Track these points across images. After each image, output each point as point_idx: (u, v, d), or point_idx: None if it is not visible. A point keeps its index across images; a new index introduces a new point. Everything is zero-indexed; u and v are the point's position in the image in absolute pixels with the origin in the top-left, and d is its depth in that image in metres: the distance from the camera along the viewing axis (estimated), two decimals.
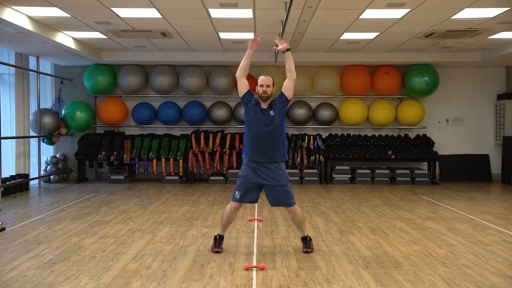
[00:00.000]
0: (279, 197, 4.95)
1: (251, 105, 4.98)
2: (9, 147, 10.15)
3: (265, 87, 4.91)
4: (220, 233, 5.17)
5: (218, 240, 5.13)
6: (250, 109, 4.97)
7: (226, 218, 5.08)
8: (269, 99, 4.98)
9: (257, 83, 4.98)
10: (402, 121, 11.63)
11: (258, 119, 4.92)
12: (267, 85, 4.92)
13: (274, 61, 10.66)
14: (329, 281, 4.16)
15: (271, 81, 4.97)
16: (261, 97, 4.94)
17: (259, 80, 4.96)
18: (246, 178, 4.95)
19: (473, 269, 4.52)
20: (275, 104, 4.98)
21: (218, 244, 5.11)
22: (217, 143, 10.99)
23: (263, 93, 4.92)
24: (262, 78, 4.96)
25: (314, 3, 6.44)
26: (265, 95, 4.92)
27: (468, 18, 7.50)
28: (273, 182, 4.90)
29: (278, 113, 4.94)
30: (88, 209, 7.63)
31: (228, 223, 5.15)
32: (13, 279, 4.21)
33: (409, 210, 7.64)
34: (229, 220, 5.10)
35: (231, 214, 5.06)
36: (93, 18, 7.61)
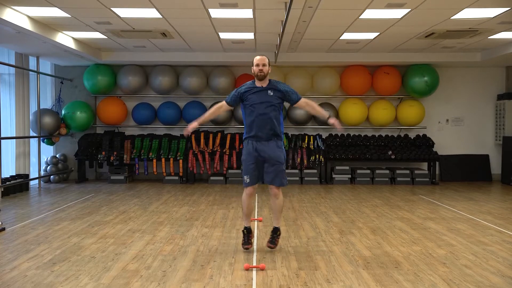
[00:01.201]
0: (274, 174, 4.99)
1: (246, 93, 5.05)
2: (9, 147, 10.15)
3: (261, 66, 4.98)
4: (246, 224, 5.19)
5: (246, 234, 5.16)
6: (247, 95, 5.04)
7: (246, 207, 5.14)
8: (265, 78, 5.04)
9: (252, 64, 5.04)
10: (402, 121, 11.63)
11: (257, 98, 4.99)
12: (263, 64, 4.99)
13: (274, 61, 10.66)
14: (329, 281, 4.16)
15: (266, 60, 5.04)
16: (257, 76, 5.01)
17: (254, 60, 5.03)
18: (248, 159, 5.03)
19: (473, 269, 4.52)
20: (277, 87, 5.05)
21: (247, 239, 5.13)
22: (217, 143, 10.99)
23: (259, 72, 4.98)
24: (257, 58, 5.03)
25: (314, 3, 6.44)
26: (261, 73, 4.99)
27: (468, 18, 7.50)
28: (271, 157, 4.97)
29: (277, 94, 5.03)
30: (88, 209, 7.63)
31: (249, 212, 5.18)
32: (13, 279, 4.21)
33: (409, 210, 7.64)
34: (248, 208, 5.14)
35: (248, 201, 5.11)
36: (93, 18, 7.61)
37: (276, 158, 4.98)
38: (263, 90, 5.02)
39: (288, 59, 10.73)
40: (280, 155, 5.02)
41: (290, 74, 11.49)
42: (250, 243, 5.14)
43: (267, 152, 4.97)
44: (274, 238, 5.13)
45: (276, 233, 5.15)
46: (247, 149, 5.06)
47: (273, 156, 4.98)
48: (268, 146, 4.99)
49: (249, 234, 5.17)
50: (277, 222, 5.19)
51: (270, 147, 4.99)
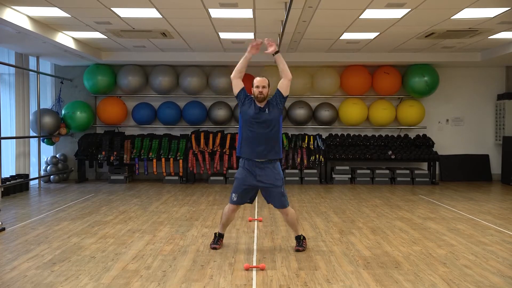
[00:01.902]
0: (273, 199, 5.03)
1: (246, 103, 5.02)
2: (9, 147, 10.15)
3: (261, 88, 4.96)
4: (220, 231, 5.28)
5: (217, 237, 5.25)
6: (246, 107, 5.01)
7: (225, 219, 5.20)
8: (265, 100, 5.01)
9: (252, 85, 5.01)
10: (402, 121, 11.63)
11: (253, 117, 4.95)
12: (262, 86, 4.97)
13: (274, 61, 10.63)
14: (329, 281, 4.16)
15: (266, 82, 5.01)
16: (257, 98, 4.98)
17: (254, 82, 5.00)
18: (242, 181, 5.01)
19: (473, 269, 4.52)
20: (271, 102, 5.02)
21: (216, 241, 5.22)
22: (217, 143, 10.99)
23: (259, 94, 4.96)
24: (257, 80, 5.00)
25: (314, 3, 6.44)
26: (261, 96, 4.96)
27: (468, 18, 7.50)
28: (268, 185, 4.96)
29: (274, 111, 4.98)
30: (88, 209, 7.63)
31: (227, 223, 5.27)
32: (13, 279, 4.21)
33: (409, 210, 7.64)
34: (227, 220, 5.21)
35: (229, 215, 5.16)
36: (93, 18, 7.61)
37: (274, 183, 4.95)
38: (261, 110, 4.95)
39: (288, 59, 10.59)
40: (277, 179, 4.97)
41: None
42: (218, 244, 5.19)
43: (264, 178, 4.94)
44: (300, 243, 5.16)
45: (300, 239, 5.19)
46: (243, 170, 5.01)
47: (269, 181, 4.94)
48: (265, 171, 4.94)
49: (220, 238, 5.25)
50: (296, 232, 5.21)
51: (267, 172, 4.95)
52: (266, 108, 4.98)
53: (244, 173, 5.00)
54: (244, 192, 5.02)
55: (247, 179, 4.98)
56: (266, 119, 4.94)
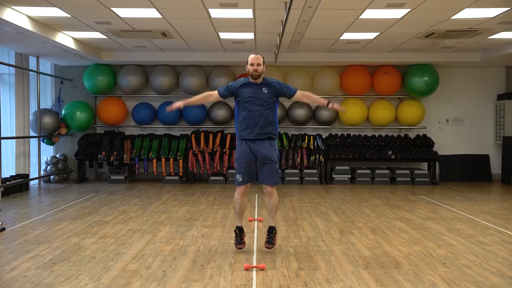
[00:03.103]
0: (266, 174, 4.99)
1: (240, 88, 5.03)
2: (9, 147, 10.16)
3: (255, 66, 4.95)
4: (238, 224, 5.17)
5: (238, 234, 5.14)
6: (241, 90, 5.02)
7: (238, 206, 5.10)
8: (260, 77, 5.01)
9: (247, 62, 5.01)
10: (402, 121, 11.63)
11: (250, 94, 4.96)
12: (257, 64, 4.96)
13: (274, 61, 10.67)
14: (329, 281, 4.16)
15: (261, 59, 5.01)
16: (251, 76, 4.98)
17: (249, 59, 4.99)
18: (242, 158, 5.02)
19: (473, 269, 4.52)
20: (272, 85, 5.02)
21: (240, 239, 5.12)
22: (217, 143, 10.99)
23: (254, 71, 4.95)
24: (252, 57, 4.99)
25: (314, 3, 6.43)
26: (255, 73, 4.96)
27: (468, 18, 7.50)
28: (264, 158, 4.96)
29: (272, 91, 5.00)
30: (88, 209, 7.63)
31: (242, 211, 5.15)
32: (13, 279, 4.21)
33: (409, 210, 7.64)
34: (241, 207, 5.11)
35: (241, 200, 5.08)
36: (93, 18, 7.61)
37: (270, 157, 4.97)
38: (257, 87, 4.99)
39: (288, 59, 10.73)
40: (273, 154, 5.00)
41: (290, 74, 11.49)
42: (243, 242, 5.14)
43: (261, 151, 4.96)
44: (271, 238, 5.11)
45: (272, 232, 5.13)
46: (240, 149, 5.05)
47: (266, 155, 4.96)
48: (262, 145, 4.97)
49: (241, 233, 5.15)
50: (272, 221, 5.17)
51: (264, 146, 4.98)
52: (263, 87, 4.99)
53: (242, 150, 5.02)
54: (246, 169, 4.99)
55: (246, 155, 4.99)
56: (263, 98, 4.96)
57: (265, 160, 4.97)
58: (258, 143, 4.97)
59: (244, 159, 5.00)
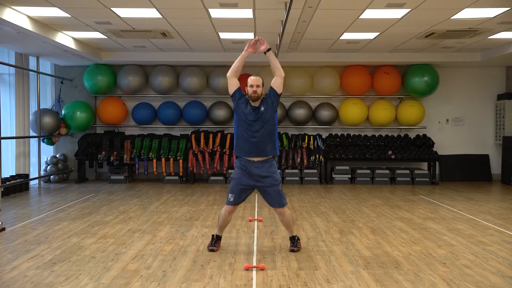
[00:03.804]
0: (270, 197, 5.00)
1: (241, 102, 5.01)
2: (9, 147, 10.16)
3: (255, 87, 4.94)
4: (217, 233, 5.24)
5: (215, 239, 5.22)
6: (240, 106, 5.00)
7: (222, 221, 5.16)
8: (259, 99, 4.99)
9: (246, 84, 5.00)
10: (402, 121, 11.63)
11: (248, 116, 4.94)
12: (256, 85, 4.94)
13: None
14: (329, 281, 4.16)
15: (260, 81, 4.99)
16: (251, 98, 4.96)
17: (248, 81, 4.98)
18: (238, 181, 4.99)
19: (473, 269, 4.52)
20: (265, 100, 5.01)
21: (214, 242, 5.19)
22: (217, 143, 10.99)
23: (253, 93, 4.94)
24: (252, 79, 4.98)
25: (314, 3, 6.44)
26: (254, 95, 4.94)
27: (468, 18, 7.50)
28: (265, 183, 4.94)
29: (269, 108, 4.96)
30: (88, 209, 7.63)
31: (224, 225, 5.22)
32: (13, 279, 4.21)
33: (409, 210, 7.64)
34: (224, 222, 5.17)
35: (226, 217, 5.12)
36: (93, 18, 7.61)
37: (272, 180, 4.94)
38: (256, 110, 4.95)
39: (288, 59, 10.72)
40: (274, 178, 4.96)
41: (290, 74, 11.48)
42: (216, 246, 5.16)
43: (262, 175, 4.92)
44: (295, 244, 5.15)
45: (294, 239, 5.18)
46: (240, 170, 4.99)
47: (267, 179, 4.92)
48: (261, 170, 4.92)
49: (218, 240, 5.21)
50: (290, 233, 5.20)
51: (263, 170, 4.93)
52: (261, 106, 4.97)
53: (240, 173, 4.98)
54: (240, 192, 5.00)
55: (243, 179, 4.96)
56: (261, 118, 4.93)
57: (267, 185, 4.93)
58: (257, 165, 4.93)
59: (241, 183, 4.97)
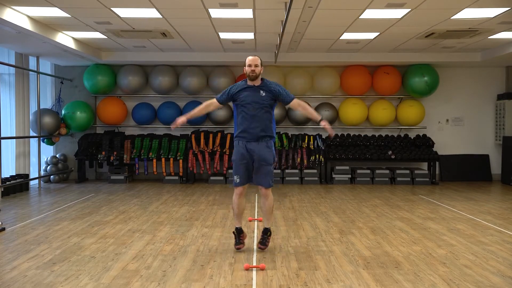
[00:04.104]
0: (260, 175, 5.02)
1: (238, 92, 5.06)
2: (9, 147, 10.15)
3: (253, 67, 4.98)
4: (236, 225, 5.21)
5: (237, 235, 5.18)
6: (239, 94, 5.04)
7: (236, 207, 5.16)
8: (257, 78, 5.03)
9: (245, 64, 5.04)
10: (402, 121, 11.63)
11: (248, 98, 4.99)
12: (255, 65, 4.98)
13: (274, 61, 10.66)
14: (329, 281, 4.16)
15: (259, 61, 5.04)
16: (249, 76, 5.01)
17: (247, 61, 5.02)
18: (239, 160, 5.05)
19: (473, 269, 4.53)
20: (269, 87, 5.04)
21: (238, 240, 5.16)
22: (217, 143, 11.00)
23: (251, 72, 4.98)
24: (250, 59, 5.02)
25: (314, 3, 6.43)
26: (253, 74, 4.98)
27: (468, 18, 7.50)
28: (260, 160, 4.98)
29: (269, 95, 5.02)
30: (88, 209, 7.63)
31: (240, 212, 5.19)
32: (13, 279, 4.21)
33: (409, 210, 7.64)
34: (239, 208, 5.15)
35: (239, 201, 5.12)
36: (93, 18, 7.61)
37: (265, 159, 4.99)
38: (254, 90, 5.01)
39: (288, 59, 10.73)
40: (269, 156, 5.01)
41: (290, 74, 11.49)
42: (242, 243, 5.16)
43: (257, 152, 4.98)
44: (265, 239, 5.14)
45: (266, 233, 5.16)
46: (238, 149, 5.07)
47: (262, 156, 4.98)
48: (258, 147, 4.99)
49: (240, 234, 5.18)
50: (267, 222, 5.20)
51: (260, 147, 4.99)
52: (261, 90, 5.01)
53: (239, 151, 5.05)
54: (244, 170, 5.03)
55: (242, 156, 5.02)
56: (260, 101, 4.98)
57: (261, 162, 4.99)
58: (254, 144, 5.00)
59: (241, 160, 5.03)
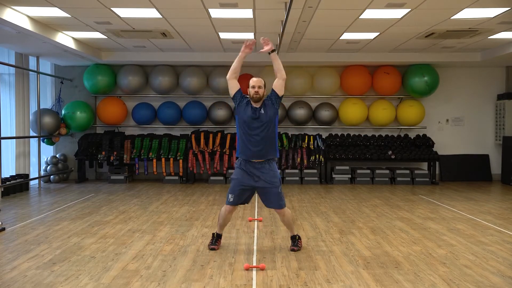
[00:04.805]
0: (270, 199, 5.03)
1: (242, 104, 5.03)
2: (9, 147, 10.15)
3: (256, 88, 4.97)
4: (218, 232, 5.29)
5: (215, 237, 5.26)
6: (242, 108, 5.02)
7: (222, 220, 5.22)
8: (261, 100, 5.01)
9: (248, 85, 5.03)
10: (402, 121, 11.63)
11: (250, 118, 4.96)
12: (258, 86, 4.98)
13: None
14: (329, 281, 4.16)
15: (262, 82, 5.03)
16: (252, 98, 4.99)
17: (250, 82, 5.02)
18: (239, 181, 5.01)
19: (473, 269, 4.53)
20: (266, 102, 5.03)
21: (215, 241, 5.23)
22: (217, 143, 10.99)
23: (255, 94, 4.96)
24: (253, 80, 5.02)
25: (314, 3, 6.44)
26: (257, 96, 4.96)
27: (468, 18, 7.50)
28: (265, 184, 4.96)
29: (269, 110, 4.99)
30: (88, 209, 7.63)
31: (224, 224, 5.29)
32: (13, 279, 4.21)
33: (409, 210, 7.64)
34: (224, 221, 5.23)
35: (225, 216, 5.18)
36: (93, 18, 7.61)
37: (271, 182, 4.95)
38: (257, 111, 4.96)
39: (288, 59, 10.72)
40: (274, 179, 4.98)
41: (290, 74, 11.47)
42: (217, 245, 5.20)
43: (261, 177, 4.94)
44: (295, 243, 5.19)
45: (295, 239, 5.21)
46: (239, 171, 5.02)
47: (267, 180, 4.95)
48: (262, 171, 4.95)
49: (218, 238, 5.25)
50: (291, 232, 5.24)
51: (264, 172, 4.95)
52: (261, 108, 4.99)
53: (241, 173, 5.01)
54: (240, 192, 5.02)
55: (244, 180, 4.99)
56: (262, 120, 4.95)
57: (267, 185, 4.95)
58: (258, 166, 4.96)
59: (241, 184, 5.00)
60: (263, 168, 4.96)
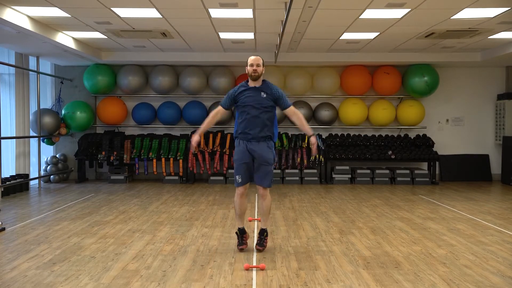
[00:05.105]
0: (260, 175, 5.03)
1: (240, 92, 5.07)
2: (9, 147, 10.15)
3: (255, 66, 4.99)
4: (239, 225, 5.23)
5: (240, 235, 5.19)
6: (241, 94, 5.05)
7: (238, 208, 5.16)
8: (259, 78, 5.04)
9: (247, 64, 5.04)
10: (402, 121, 11.63)
11: (249, 99, 5.00)
12: (257, 65, 5.00)
13: (274, 61, 10.66)
14: (329, 281, 4.16)
15: (261, 60, 5.06)
16: (251, 76, 5.01)
17: (249, 60, 5.03)
18: (240, 159, 5.05)
19: (473, 269, 4.53)
20: (270, 90, 5.05)
21: (241, 241, 5.17)
22: (217, 143, 11.00)
23: (253, 72, 4.99)
24: (252, 58, 5.04)
25: (314, 3, 6.43)
26: (255, 74, 4.99)
27: (468, 18, 7.50)
28: (260, 158, 4.99)
29: (270, 97, 5.03)
30: (88, 209, 7.63)
31: (242, 212, 5.20)
32: (13, 279, 4.21)
33: (409, 210, 7.64)
34: (241, 208, 5.16)
35: (240, 201, 5.13)
36: (93, 18, 7.61)
37: (266, 159, 5.00)
38: (256, 91, 5.02)
39: (288, 59, 10.72)
40: (270, 156, 5.03)
41: (290, 74, 11.49)
42: (244, 243, 5.17)
43: (257, 151, 4.99)
44: (262, 240, 5.14)
45: (263, 234, 5.16)
46: (239, 149, 5.07)
47: (263, 156, 4.99)
48: (259, 146, 5.00)
49: (243, 235, 5.20)
50: (264, 223, 5.21)
51: (260, 147, 5.00)
52: (262, 91, 5.02)
53: (240, 150, 5.05)
54: (245, 170, 5.04)
55: (243, 155, 5.02)
56: (261, 102, 4.98)
57: (261, 162, 5.00)
58: (255, 144, 5.01)
59: (242, 160, 5.03)
60: (259, 145, 5.01)
